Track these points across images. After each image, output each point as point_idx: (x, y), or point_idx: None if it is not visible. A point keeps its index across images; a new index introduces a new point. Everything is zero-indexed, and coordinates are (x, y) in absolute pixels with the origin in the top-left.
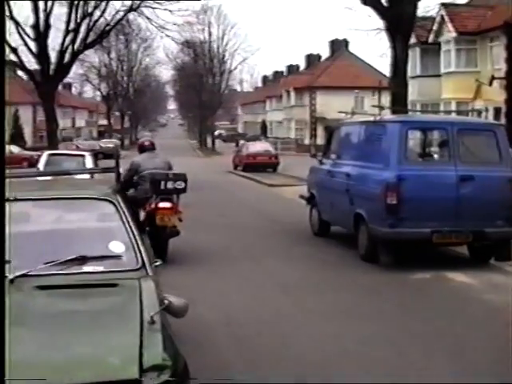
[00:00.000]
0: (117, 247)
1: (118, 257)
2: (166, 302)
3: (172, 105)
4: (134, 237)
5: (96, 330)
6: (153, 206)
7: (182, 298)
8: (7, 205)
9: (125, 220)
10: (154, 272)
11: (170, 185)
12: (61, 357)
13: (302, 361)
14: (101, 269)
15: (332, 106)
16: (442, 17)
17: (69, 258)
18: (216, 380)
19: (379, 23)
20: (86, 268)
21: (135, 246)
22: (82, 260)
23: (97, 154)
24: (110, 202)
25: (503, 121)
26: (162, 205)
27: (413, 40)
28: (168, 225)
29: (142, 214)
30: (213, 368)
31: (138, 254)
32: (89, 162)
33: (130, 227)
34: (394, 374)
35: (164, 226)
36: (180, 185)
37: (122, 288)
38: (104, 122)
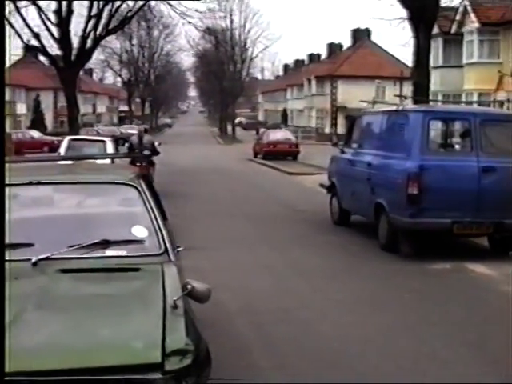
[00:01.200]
0: (140, 232)
1: (140, 241)
2: (188, 287)
3: (193, 92)
4: (157, 222)
5: (119, 314)
6: None
7: (205, 284)
8: (31, 188)
9: (148, 205)
10: (177, 257)
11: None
12: (84, 340)
13: (323, 348)
14: (124, 253)
15: (353, 95)
16: (465, 7)
17: (92, 242)
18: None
19: (402, 12)
20: (109, 252)
21: (158, 231)
22: (105, 244)
23: (118, 140)
24: (134, 186)
25: None
26: None
27: (435, 30)
28: None
29: None
30: (234, 354)
31: (161, 239)
32: (110, 148)
33: (153, 212)
34: (417, 363)
35: None
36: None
37: (144, 272)
38: (125, 108)
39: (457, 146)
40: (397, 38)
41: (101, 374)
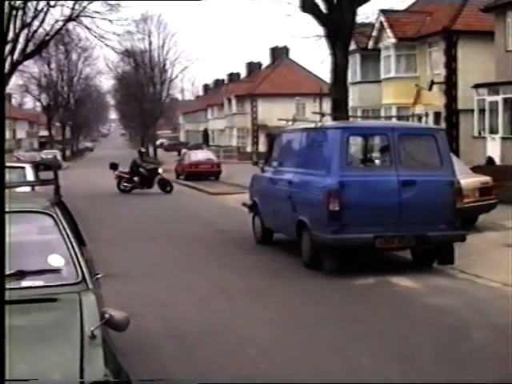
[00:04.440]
0: (56, 261)
1: (57, 270)
2: (106, 315)
3: (113, 114)
4: (74, 250)
5: (36, 346)
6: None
7: (122, 312)
8: None
9: (64, 233)
10: (96, 285)
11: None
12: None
13: (247, 369)
14: (40, 283)
15: (273, 113)
16: (382, 23)
17: (7, 273)
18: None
19: (319, 30)
20: (25, 283)
21: (75, 259)
22: (21, 275)
23: (38, 166)
24: (49, 215)
25: (443, 125)
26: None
27: (353, 46)
28: None
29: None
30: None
31: (78, 268)
32: (29, 174)
33: (70, 240)
34: (344, 380)
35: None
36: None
37: (62, 302)
38: (45, 132)
39: (376, 161)
40: (315, 55)
41: None
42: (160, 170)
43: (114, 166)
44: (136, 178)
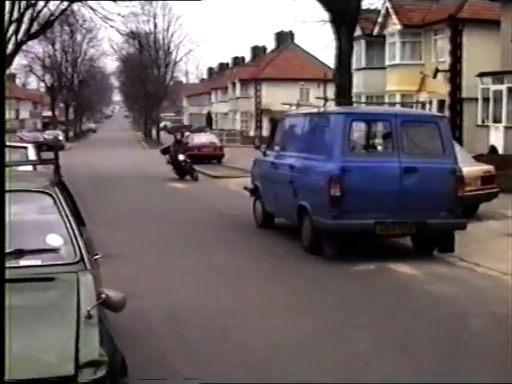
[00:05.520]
0: (54, 240)
1: (55, 250)
2: (103, 296)
3: (117, 96)
4: (73, 230)
5: (32, 326)
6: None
7: (119, 292)
8: None
9: (63, 213)
10: (95, 265)
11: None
12: None
13: (247, 355)
14: (38, 262)
15: (277, 97)
16: (387, 9)
17: (5, 251)
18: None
19: (324, 15)
20: (23, 262)
21: (73, 239)
22: (19, 254)
23: (40, 146)
24: (48, 194)
25: (447, 113)
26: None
27: (358, 32)
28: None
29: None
30: (155, 363)
31: (77, 247)
32: (31, 154)
33: (69, 220)
34: (341, 366)
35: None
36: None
37: (59, 282)
38: (48, 113)
39: (379, 147)
40: (320, 41)
41: None
42: (181, 157)
43: (165, 151)
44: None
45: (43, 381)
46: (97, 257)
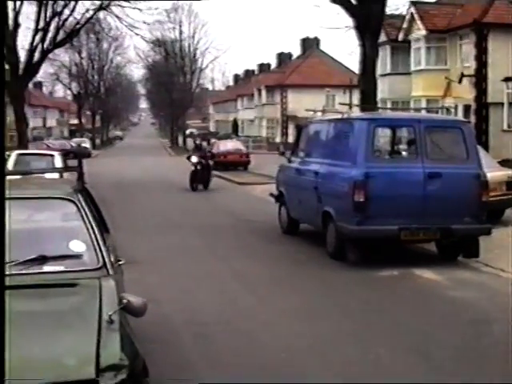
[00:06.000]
0: (77, 247)
1: (78, 256)
2: (124, 301)
3: (144, 103)
4: (95, 236)
5: (54, 331)
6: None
7: (140, 298)
8: None
9: (86, 219)
10: (118, 271)
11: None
12: (17, 357)
13: (268, 360)
14: (61, 268)
15: (303, 104)
16: (412, 15)
17: (29, 258)
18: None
19: (349, 21)
20: (46, 268)
21: (96, 245)
22: (42, 260)
23: (67, 154)
24: (71, 201)
25: (472, 118)
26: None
27: (383, 38)
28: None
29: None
30: (176, 367)
31: (99, 254)
32: (58, 162)
33: (92, 226)
34: (362, 372)
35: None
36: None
37: (81, 287)
38: (75, 121)
39: (402, 153)
40: (345, 47)
41: None
42: (194, 159)
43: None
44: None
45: None
46: (120, 263)
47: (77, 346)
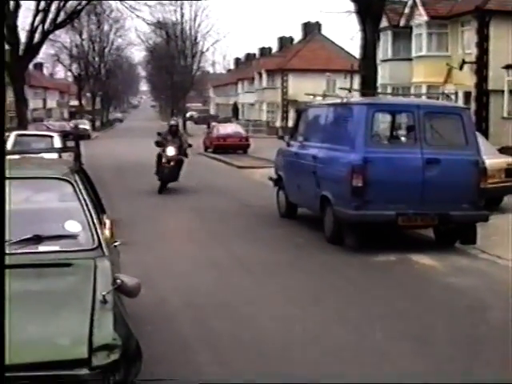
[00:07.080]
0: (73, 227)
1: (73, 236)
2: (118, 281)
3: (144, 86)
4: (91, 217)
5: (47, 311)
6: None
7: (134, 278)
8: None
9: (82, 200)
10: (114, 252)
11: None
12: (9, 337)
13: (265, 343)
14: (56, 248)
15: (304, 88)
16: (414, 1)
17: (24, 237)
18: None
19: (350, 5)
20: (42, 247)
21: (91, 225)
22: (37, 239)
23: (66, 135)
24: (67, 181)
25: (473, 105)
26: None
27: (385, 23)
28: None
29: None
30: (173, 350)
31: (95, 234)
32: (57, 143)
33: (87, 207)
34: (357, 357)
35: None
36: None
37: (76, 267)
38: (75, 102)
39: (401, 138)
40: (347, 32)
41: (27, 370)
42: (170, 152)
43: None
44: None
45: (57, 363)
46: (116, 243)
47: (70, 326)
